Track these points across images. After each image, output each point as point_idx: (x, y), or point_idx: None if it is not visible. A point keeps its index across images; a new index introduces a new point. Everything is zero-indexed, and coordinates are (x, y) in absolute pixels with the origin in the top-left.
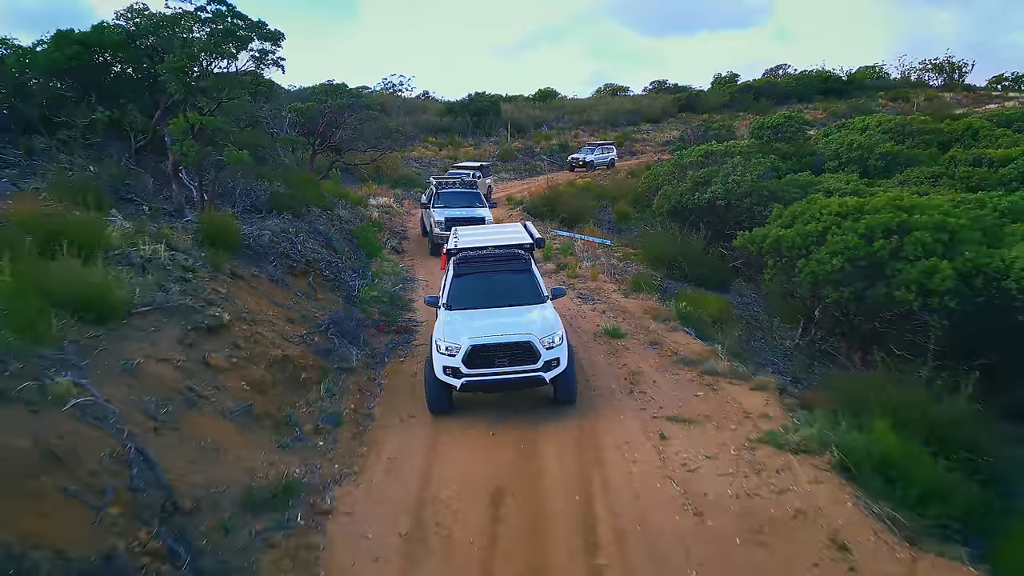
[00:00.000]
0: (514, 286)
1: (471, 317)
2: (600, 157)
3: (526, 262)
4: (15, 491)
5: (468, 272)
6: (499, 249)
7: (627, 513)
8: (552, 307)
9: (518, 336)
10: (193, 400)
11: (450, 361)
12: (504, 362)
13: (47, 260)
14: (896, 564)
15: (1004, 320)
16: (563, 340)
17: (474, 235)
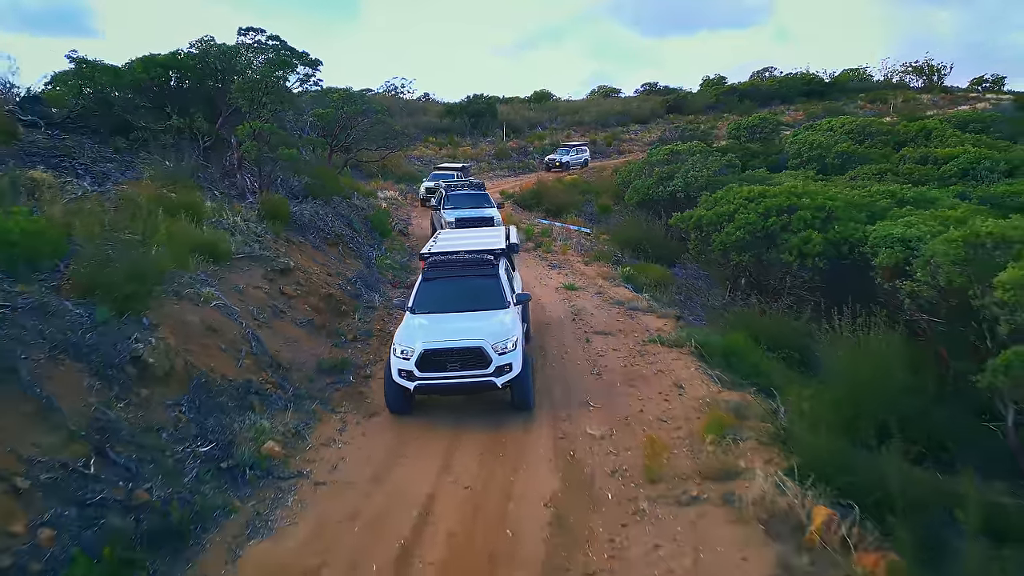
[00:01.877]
0: (479, 291)
1: (431, 321)
2: (575, 158)
3: (494, 267)
4: (199, 345)
5: (436, 276)
6: (470, 254)
7: (556, 374)
8: (514, 312)
9: (469, 341)
10: (277, 312)
11: (404, 364)
12: (456, 366)
13: (176, 223)
14: (707, 392)
15: (861, 274)
16: (516, 346)
17: (452, 239)
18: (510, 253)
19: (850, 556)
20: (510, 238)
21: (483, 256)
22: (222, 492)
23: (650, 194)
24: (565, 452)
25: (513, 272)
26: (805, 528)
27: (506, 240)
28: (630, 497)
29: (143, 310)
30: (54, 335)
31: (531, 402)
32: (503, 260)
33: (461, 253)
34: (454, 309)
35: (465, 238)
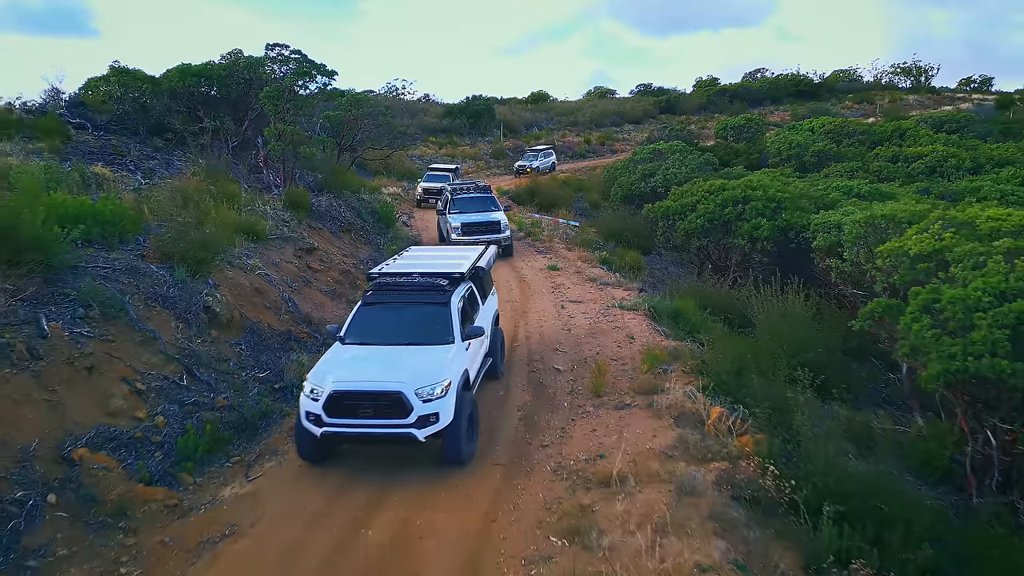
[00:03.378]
0: (423, 322)
1: (358, 355)
2: (543, 162)
3: (445, 294)
4: (249, 303)
5: (378, 302)
6: (423, 278)
7: (535, 332)
8: (460, 350)
9: (386, 384)
10: (306, 281)
11: (312, 406)
12: (368, 413)
13: (221, 209)
14: (653, 342)
15: (804, 255)
16: (448, 392)
17: (416, 259)
18: (478, 277)
19: (731, 438)
20: (479, 261)
21: (435, 281)
22: (277, 403)
23: (633, 190)
24: (536, 380)
25: (486, 297)
26: (704, 422)
27: (474, 263)
28: (580, 405)
29: (208, 273)
30: (147, 289)
31: (463, 457)
32: (464, 286)
33: (414, 275)
34: (390, 341)
35: (430, 258)
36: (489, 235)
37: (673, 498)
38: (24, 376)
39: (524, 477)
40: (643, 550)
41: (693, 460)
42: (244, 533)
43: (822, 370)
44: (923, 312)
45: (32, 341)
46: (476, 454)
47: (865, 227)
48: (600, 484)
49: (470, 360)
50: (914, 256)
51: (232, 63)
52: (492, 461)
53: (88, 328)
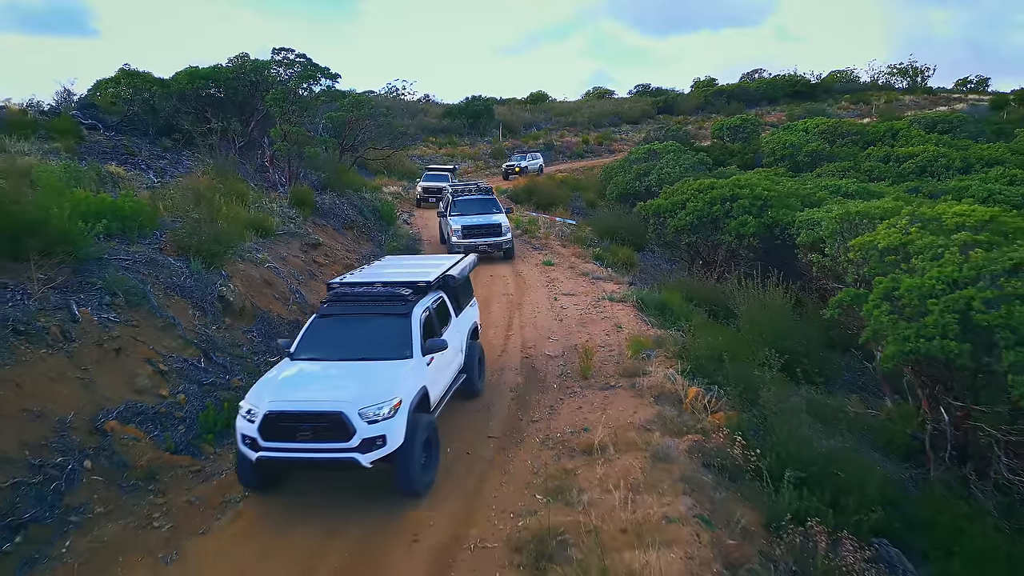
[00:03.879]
0: (381, 335)
1: (304, 371)
2: (532, 163)
3: (407, 305)
4: (260, 293)
5: (334, 313)
6: (385, 287)
7: (528, 321)
8: (420, 366)
9: (325, 403)
10: (312, 275)
11: (248, 428)
12: (307, 436)
13: (231, 206)
14: (639, 330)
15: (789, 251)
16: (397, 412)
17: (387, 267)
18: (449, 287)
19: (706, 414)
20: (451, 270)
21: (396, 291)
22: None
23: (628, 189)
24: (528, 365)
25: (462, 309)
26: (682, 401)
27: (443, 273)
28: (568, 386)
29: (221, 266)
30: (166, 279)
31: (417, 486)
32: (431, 297)
33: (376, 285)
34: (343, 356)
35: (401, 267)
36: (490, 238)
37: (648, 464)
38: (59, 356)
39: (515, 447)
40: (617, 505)
41: (669, 433)
42: None
43: (798, 357)
44: (884, 299)
45: (65, 325)
46: (434, 483)
47: (841, 223)
48: (583, 452)
49: (432, 377)
50: (882, 249)
51: (239, 66)
52: (487, 434)
53: (114, 314)
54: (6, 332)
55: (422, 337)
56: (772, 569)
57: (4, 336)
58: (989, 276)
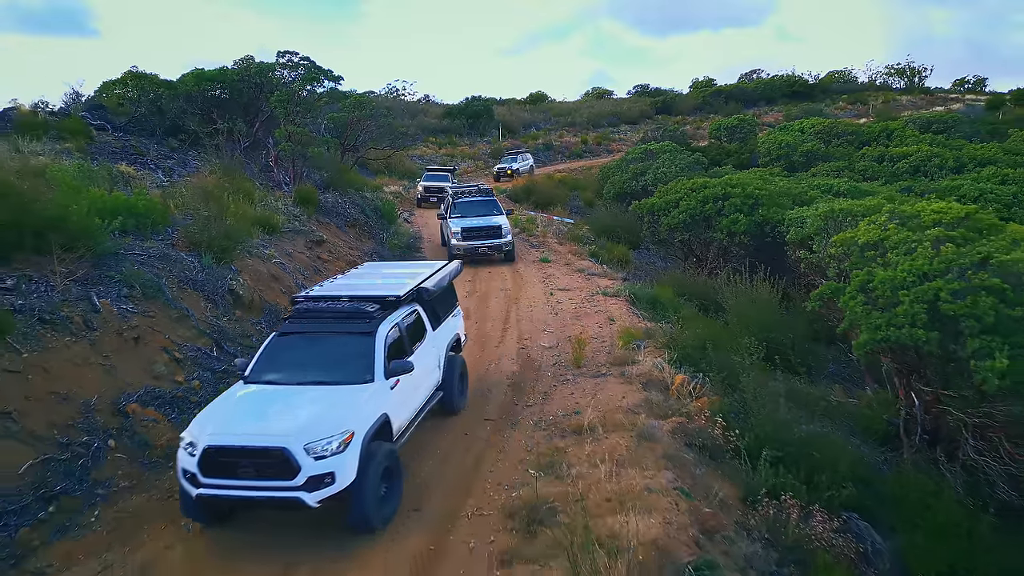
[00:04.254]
0: (341, 356)
1: (249, 399)
2: (523, 165)
3: (371, 323)
4: (267, 287)
5: (295, 331)
6: (352, 302)
7: (525, 315)
8: (381, 390)
9: (267, 438)
10: (317, 270)
11: (188, 462)
12: (248, 472)
13: (238, 204)
14: (631, 323)
15: (779, 248)
16: (348, 446)
17: (362, 276)
18: (424, 299)
19: (691, 399)
20: (426, 281)
21: (361, 307)
22: None
23: (625, 188)
24: (524, 355)
25: (442, 321)
26: (669, 387)
27: (417, 285)
28: (561, 374)
29: (231, 261)
30: (178, 273)
31: (372, 522)
32: (402, 312)
33: (342, 299)
34: (301, 380)
35: (376, 276)
36: (490, 240)
37: (634, 442)
38: (82, 344)
39: (510, 429)
40: (603, 478)
41: (655, 415)
42: None
43: (783, 348)
44: (859, 291)
45: (87, 315)
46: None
47: (825, 220)
48: (573, 433)
49: (396, 402)
50: (862, 245)
51: (244, 68)
52: (483, 417)
53: (132, 305)
54: (33, 321)
55: (387, 358)
56: (746, 536)
57: (31, 325)
58: (957, 269)
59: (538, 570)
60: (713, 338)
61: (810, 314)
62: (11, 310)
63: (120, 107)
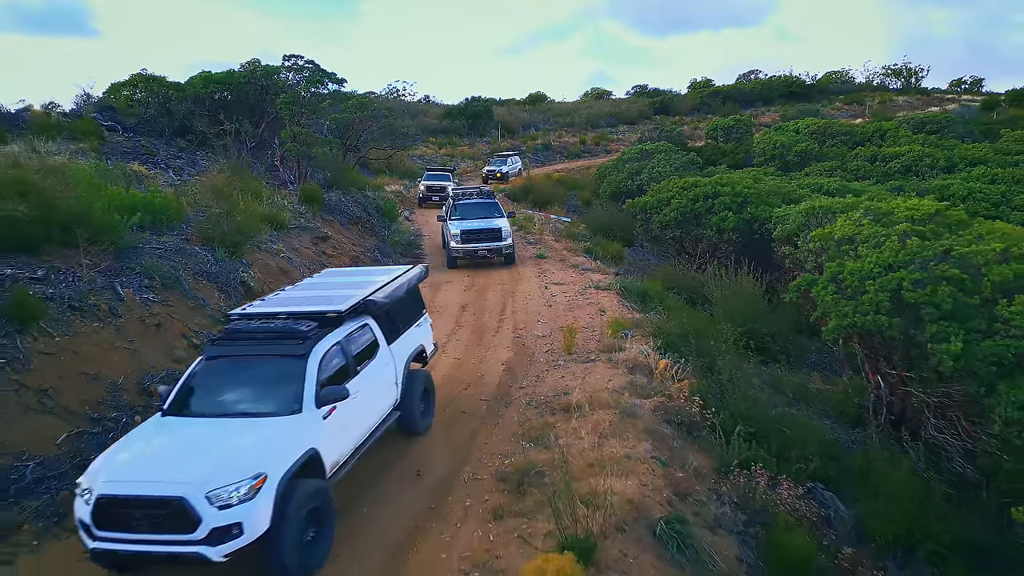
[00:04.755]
0: (267, 383)
1: (157, 437)
2: (512, 167)
3: (305, 344)
4: (276, 279)
5: (221, 355)
6: (289, 320)
7: (521, 307)
8: (311, 422)
9: (163, 486)
10: (322, 265)
11: (83, 512)
12: (144, 525)
13: (247, 202)
14: (620, 315)
15: (767, 245)
16: (259, 492)
17: (313, 286)
18: (375, 312)
19: (673, 382)
20: (378, 292)
21: (295, 326)
22: None
23: (621, 188)
24: (519, 343)
25: (400, 334)
26: (653, 371)
27: (365, 297)
28: (553, 360)
29: (242, 255)
30: (194, 266)
31: (294, 573)
32: (347, 328)
33: (280, 316)
34: (223, 411)
35: (330, 286)
36: (490, 243)
37: (617, 418)
38: (108, 329)
39: (504, 408)
40: (587, 447)
41: (638, 395)
42: None
43: (764, 338)
44: (831, 281)
45: (112, 303)
46: (324, 563)
47: (807, 216)
48: (562, 410)
49: (330, 433)
50: (838, 239)
51: (251, 71)
52: (479, 398)
53: (152, 295)
54: (64, 308)
55: (319, 384)
56: (716, 499)
57: (62, 311)
58: (920, 261)
59: (526, 522)
60: (696, 327)
61: (791, 306)
62: (43, 298)
63: (129, 108)
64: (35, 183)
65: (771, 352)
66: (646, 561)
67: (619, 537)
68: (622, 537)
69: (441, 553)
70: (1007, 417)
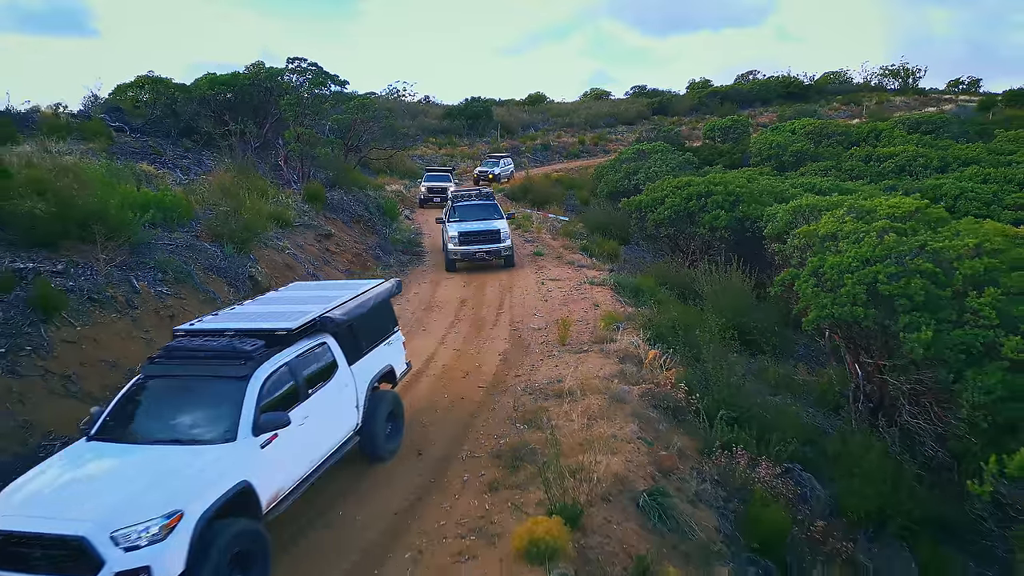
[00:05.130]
0: (204, 407)
1: (80, 466)
2: (504, 169)
3: (241, 365)
4: (282, 275)
5: (159, 375)
6: (237, 337)
7: (518, 301)
8: (246, 451)
9: (64, 524)
10: (326, 261)
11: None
12: (42, 566)
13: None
14: (614, 309)
15: (759, 243)
16: (172, 532)
17: (275, 300)
18: (332, 329)
19: (661, 371)
20: (336, 309)
21: (237, 345)
22: None
23: (618, 187)
24: (516, 336)
25: (364, 353)
26: (643, 361)
27: (323, 312)
28: (548, 351)
29: (249, 251)
30: (204, 261)
31: None
32: (302, 347)
33: (227, 333)
34: (153, 437)
35: (292, 301)
36: (488, 245)
37: (606, 402)
38: (125, 320)
39: (501, 394)
40: (577, 428)
41: (627, 382)
42: None
43: (751, 330)
44: (812, 275)
45: (128, 296)
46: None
47: (794, 214)
48: (555, 396)
49: (269, 464)
50: (822, 236)
51: (255, 73)
52: (477, 385)
53: (166, 288)
54: (83, 300)
55: (260, 409)
56: (698, 477)
57: (82, 303)
58: (896, 255)
59: (519, 493)
60: (685, 320)
61: (779, 300)
62: (64, 290)
63: (136, 109)
64: (51, 182)
65: (758, 344)
66: (628, 528)
67: (604, 506)
68: (607, 506)
69: (441, 520)
70: (974, 402)
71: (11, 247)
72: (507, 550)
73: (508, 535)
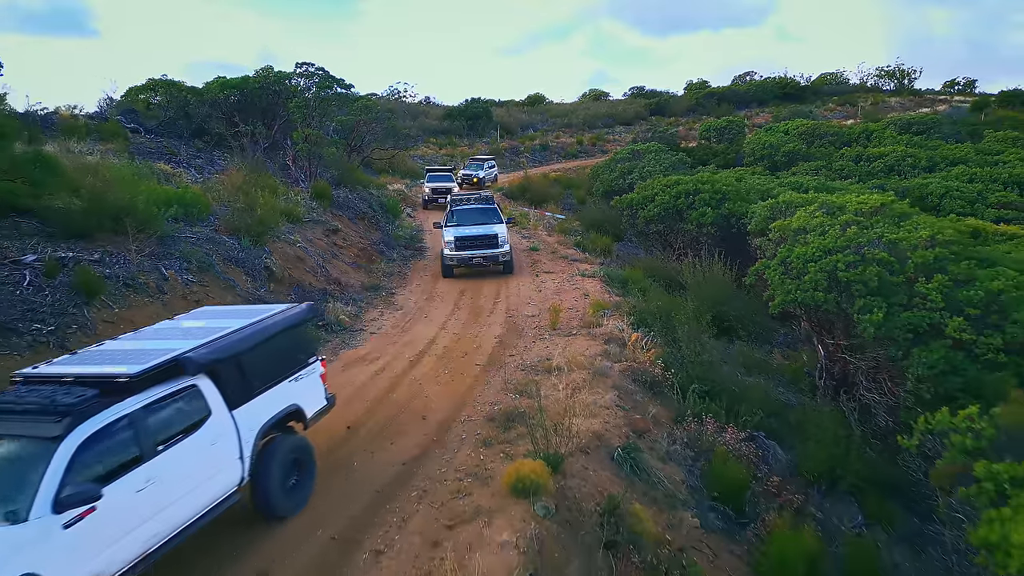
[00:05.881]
0: (1, 475)
1: None
2: (488, 172)
3: (60, 423)
4: (294, 267)
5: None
6: (73, 383)
7: (513, 292)
8: (38, 533)
9: None
10: (334, 254)
11: None
12: None
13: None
14: (603, 298)
15: (744, 239)
16: None
17: (133, 341)
18: (206, 368)
19: (642, 351)
20: (216, 342)
21: (53, 399)
22: (320, 332)
23: (612, 186)
24: (511, 322)
25: (258, 392)
26: (626, 343)
27: (186, 350)
28: (540, 334)
29: (264, 244)
30: (223, 253)
31: None
32: (155, 394)
33: (65, 379)
34: None
35: (162, 336)
36: (486, 250)
37: (590, 376)
38: (156, 304)
39: (495, 370)
40: (562, 397)
41: (610, 360)
42: None
43: (729, 318)
44: (780, 264)
45: (159, 282)
46: None
47: (771, 210)
48: (544, 371)
49: (73, 550)
50: (795, 229)
51: (264, 76)
52: (475, 363)
53: (191, 276)
54: (119, 285)
55: (68, 479)
56: (669, 438)
57: (118, 288)
58: (855, 246)
59: (509, 446)
60: (667, 307)
61: (755, 290)
62: (103, 276)
63: (148, 111)
64: (82, 180)
65: (736, 331)
66: (603, 475)
67: (583, 457)
68: (585, 457)
69: (442, 468)
70: (919, 375)
71: (51, 238)
72: (498, 487)
73: (499, 477)
